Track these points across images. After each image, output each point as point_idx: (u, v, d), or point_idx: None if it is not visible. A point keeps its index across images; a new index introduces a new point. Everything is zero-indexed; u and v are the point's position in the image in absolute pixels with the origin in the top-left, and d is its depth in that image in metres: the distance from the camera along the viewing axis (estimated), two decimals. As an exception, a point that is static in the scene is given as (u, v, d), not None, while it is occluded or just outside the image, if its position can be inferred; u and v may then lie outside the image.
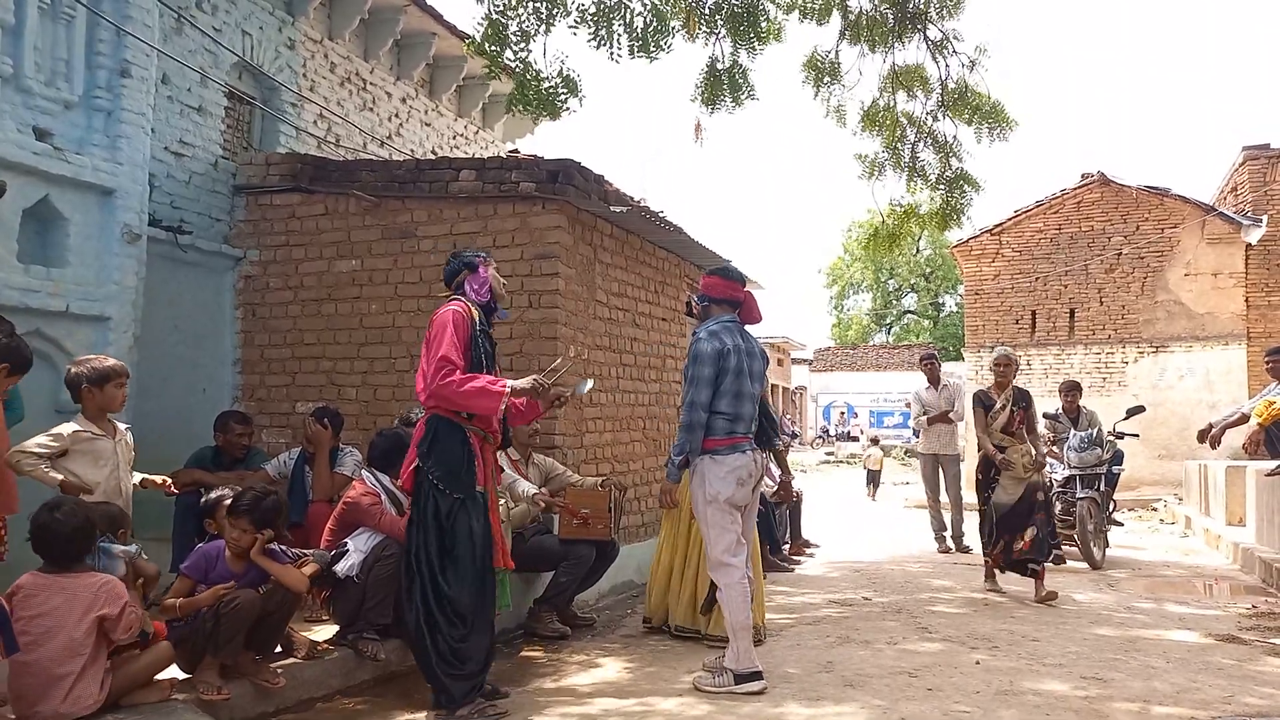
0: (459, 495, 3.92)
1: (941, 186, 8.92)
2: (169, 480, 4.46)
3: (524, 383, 4.04)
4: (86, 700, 3.16)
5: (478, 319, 4.10)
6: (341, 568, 4.36)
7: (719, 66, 7.64)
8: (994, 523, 6.71)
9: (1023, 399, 6.91)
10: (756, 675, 4.22)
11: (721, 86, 7.64)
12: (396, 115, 9.36)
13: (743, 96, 7.68)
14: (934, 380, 9.65)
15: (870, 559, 8.92)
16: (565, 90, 6.33)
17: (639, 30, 6.30)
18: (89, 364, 4.19)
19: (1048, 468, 7.52)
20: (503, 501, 4.36)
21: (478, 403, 3.91)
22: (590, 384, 4.54)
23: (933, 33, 8.33)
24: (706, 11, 7.39)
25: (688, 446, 4.34)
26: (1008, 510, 6.63)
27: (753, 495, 4.54)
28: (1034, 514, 6.58)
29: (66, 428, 4.12)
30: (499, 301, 4.30)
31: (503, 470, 4.62)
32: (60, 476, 3.92)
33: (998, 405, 6.87)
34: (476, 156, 9.88)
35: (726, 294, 4.56)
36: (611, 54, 6.33)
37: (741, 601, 4.26)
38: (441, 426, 3.96)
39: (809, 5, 8.14)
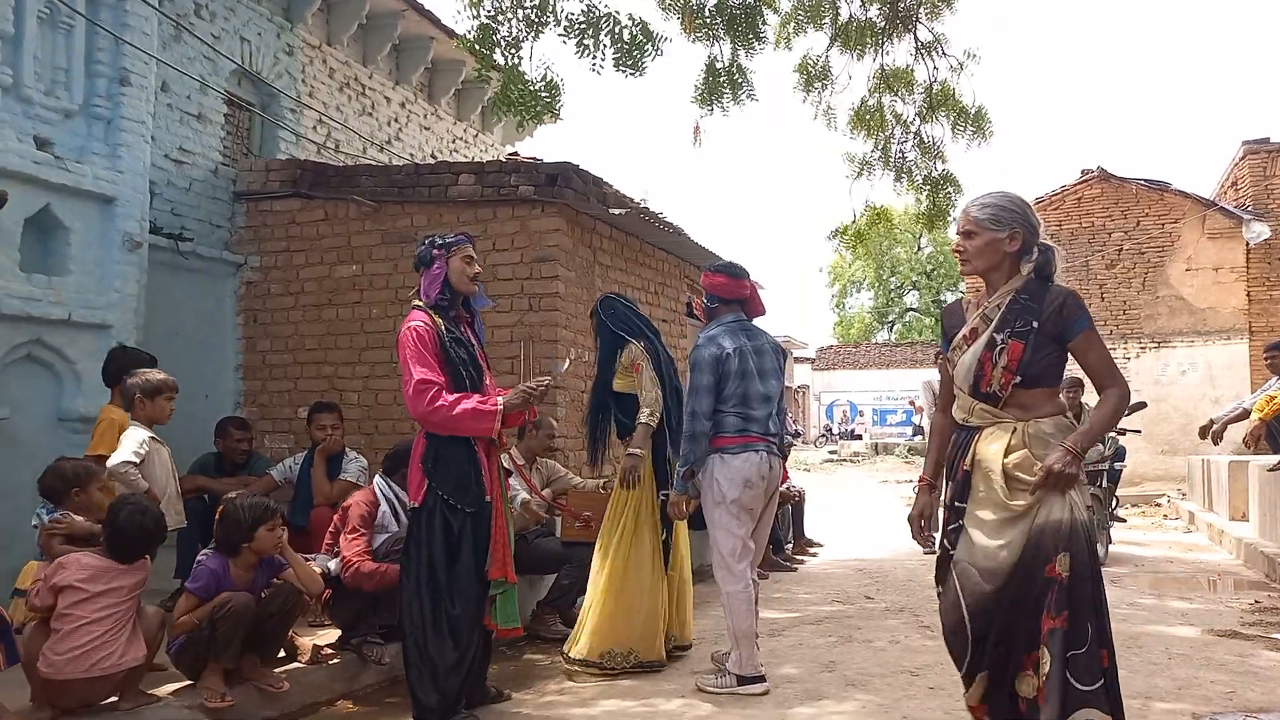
0: (470, 510, 3.74)
1: (927, 186, 9.09)
2: None
3: (515, 398, 3.80)
4: (140, 650, 3.50)
5: (444, 327, 3.78)
6: (338, 568, 4.38)
7: (718, 66, 7.68)
8: (960, 627, 2.78)
9: (1027, 313, 2.80)
10: (760, 679, 4.21)
11: (720, 86, 7.69)
12: (395, 120, 9.38)
13: (742, 95, 7.72)
14: None
15: (873, 558, 8.92)
16: (548, 94, 6.34)
17: (624, 43, 6.31)
18: (143, 376, 4.50)
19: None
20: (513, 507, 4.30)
21: (470, 425, 3.69)
22: (566, 364, 4.40)
23: (922, 33, 8.40)
24: (706, 15, 7.42)
25: (692, 457, 4.26)
26: (985, 601, 2.73)
27: (768, 498, 4.41)
28: (1041, 610, 2.65)
29: (142, 433, 4.34)
30: (469, 294, 3.92)
31: (509, 474, 4.50)
32: (146, 484, 4.17)
33: (962, 333, 2.90)
34: (476, 160, 9.91)
35: (735, 293, 4.49)
36: (595, 64, 6.35)
37: (745, 609, 4.22)
38: (443, 438, 3.75)
39: (802, 16, 8.22)
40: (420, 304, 3.87)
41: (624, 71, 6.40)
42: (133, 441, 4.25)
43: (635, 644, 4.55)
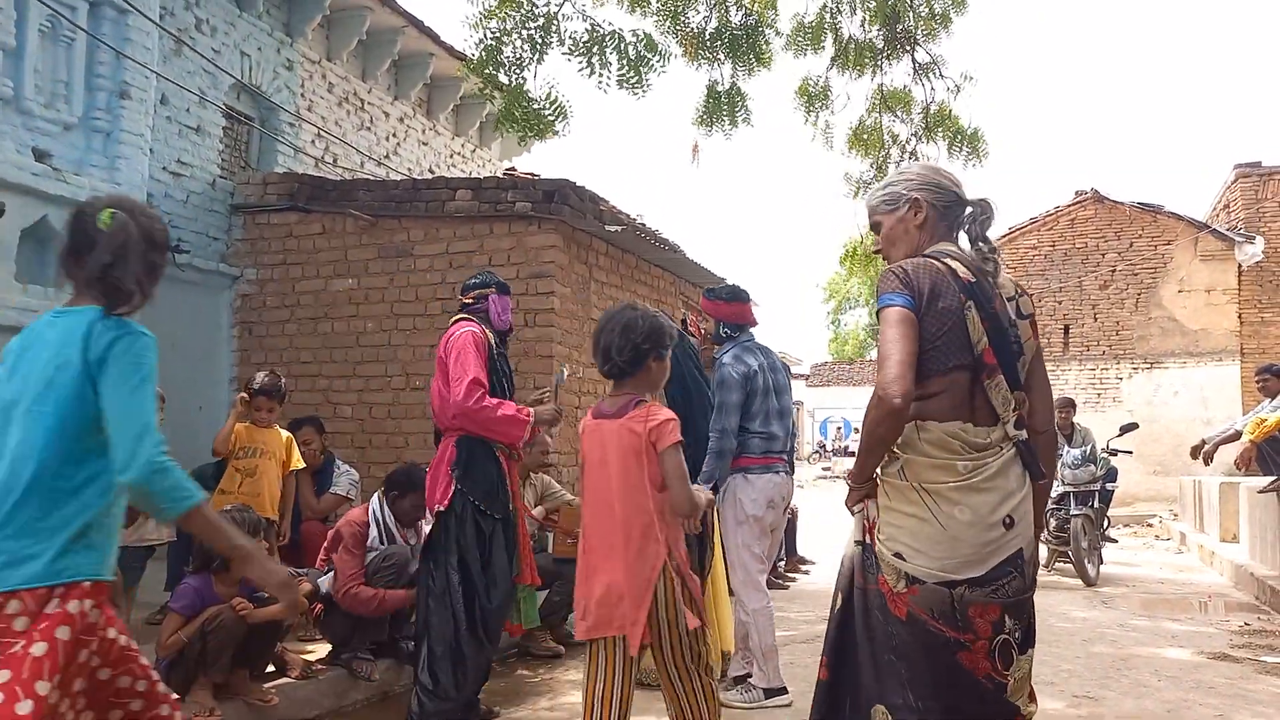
0: (499, 516, 3.91)
1: None
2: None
3: (546, 413, 4.02)
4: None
5: (494, 343, 4.05)
6: (329, 583, 4.38)
7: (719, 89, 7.75)
8: None
9: None
10: (784, 690, 4.33)
11: (720, 109, 7.75)
12: (394, 135, 9.42)
13: (739, 119, 7.79)
14: None
15: (865, 576, 8.91)
16: (553, 114, 6.38)
17: (630, 59, 6.35)
18: None
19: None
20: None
21: (506, 430, 3.88)
22: (566, 370, 4.50)
23: (920, 55, 8.48)
24: (707, 38, 7.49)
25: (717, 473, 4.32)
26: None
27: (782, 517, 4.57)
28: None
29: None
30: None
31: None
32: None
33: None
34: (473, 175, 9.95)
35: (746, 318, 4.67)
36: (600, 83, 6.39)
37: (768, 624, 4.35)
38: (475, 448, 3.89)
39: (802, 38, 8.28)
40: (471, 319, 4.05)
41: (628, 89, 6.44)
42: None
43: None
